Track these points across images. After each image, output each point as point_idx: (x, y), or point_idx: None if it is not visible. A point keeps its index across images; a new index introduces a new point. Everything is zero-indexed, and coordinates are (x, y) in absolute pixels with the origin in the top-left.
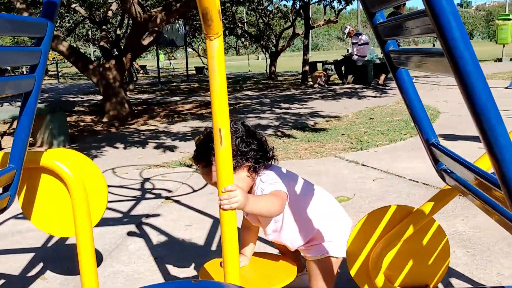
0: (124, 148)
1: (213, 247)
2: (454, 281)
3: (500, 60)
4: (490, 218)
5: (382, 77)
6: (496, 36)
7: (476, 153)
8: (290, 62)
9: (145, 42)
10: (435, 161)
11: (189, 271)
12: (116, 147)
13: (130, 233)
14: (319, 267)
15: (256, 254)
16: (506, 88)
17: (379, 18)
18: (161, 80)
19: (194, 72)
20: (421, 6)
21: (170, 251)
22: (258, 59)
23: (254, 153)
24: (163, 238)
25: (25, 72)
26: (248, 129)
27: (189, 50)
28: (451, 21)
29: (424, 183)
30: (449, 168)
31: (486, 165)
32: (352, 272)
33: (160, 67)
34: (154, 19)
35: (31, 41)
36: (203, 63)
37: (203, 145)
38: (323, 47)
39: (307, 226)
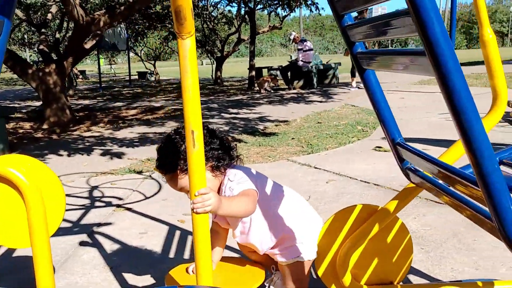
0: (68, 155)
1: (171, 254)
2: (412, 277)
3: None
4: (440, 216)
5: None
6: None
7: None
8: (235, 67)
9: (87, 45)
10: (401, 160)
11: (148, 279)
12: (60, 155)
13: (82, 243)
14: (291, 270)
15: (223, 259)
16: None
17: (347, 20)
18: (102, 85)
19: (136, 77)
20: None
21: (126, 260)
22: (202, 64)
23: (215, 152)
24: (117, 247)
25: None
26: (207, 128)
27: (131, 54)
28: (435, 22)
29: (375, 184)
30: (414, 167)
31: (451, 160)
32: (320, 272)
33: (100, 72)
34: (97, 22)
35: None
36: (146, 68)
37: (167, 151)
38: (266, 53)
39: (276, 227)
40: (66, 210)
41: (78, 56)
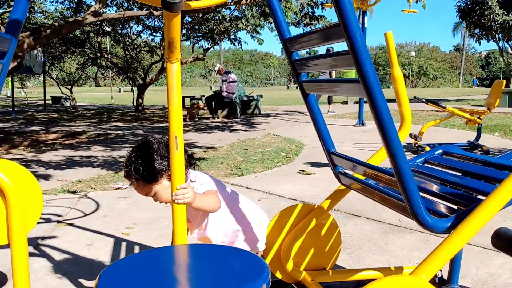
0: None
1: None
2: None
3: (346, 102)
4: (357, 226)
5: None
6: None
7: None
8: (155, 96)
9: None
10: (334, 166)
11: None
12: None
13: (30, 254)
14: None
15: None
16: (354, 126)
17: (295, 56)
18: (14, 109)
19: (50, 102)
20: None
21: (77, 266)
22: (120, 91)
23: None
24: (66, 256)
25: None
26: (164, 142)
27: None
28: (367, 62)
29: (301, 201)
30: (344, 171)
31: (376, 163)
32: (267, 261)
33: (14, 95)
34: (20, 43)
35: None
36: (62, 92)
37: (144, 160)
38: (186, 83)
39: (230, 223)
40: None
41: None
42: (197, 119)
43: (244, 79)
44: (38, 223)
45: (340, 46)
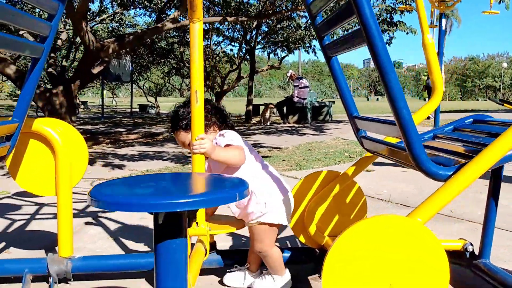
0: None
1: None
2: None
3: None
4: (405, 214)
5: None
6: (421, 91)
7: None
8: (233, 105)
9: (95, 71)
10: (357, 130)
11: (145, 247)
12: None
13: (88, 223)
14: (262, 230)
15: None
16: None
17: (326, 41)
18: (104, 115)
19: (137, 110)
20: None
21: (129, 233)
22: None
23: (213, 116)
24: (121, 226)
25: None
26: (211, 103)
27: (134, 88)
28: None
29: None
30: (367, 135)
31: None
32: (291, 225)
33: (103, 103)
34: (106, 48)
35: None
36: (148, 101)
37: (172, 117)
38: (265, 95)
39: (254, 184)
40: (78, 201)
41: (85, 80)
42: (268, 124)
43: (323, 91)
44: None
45: None
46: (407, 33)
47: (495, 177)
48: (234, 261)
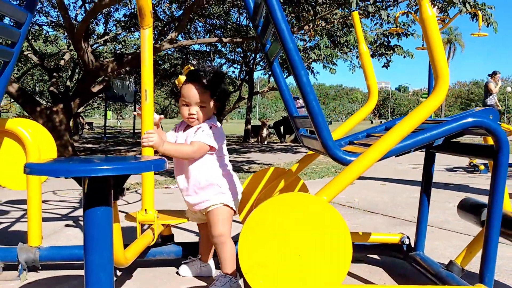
0: (65, 178)
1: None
2: None
3: None
4: (370, 220)
5: None
6: None
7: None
8: (237, 127)
9: (95, 89)
10: (297, 129)
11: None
12: (58, 177)
13: (68, 225)
14: (219, 213)
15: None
16: None
17: (267, 48)
18: (107, 135)
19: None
20: None
21: None
22: None
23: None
24: None
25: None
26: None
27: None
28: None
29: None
30: (306, 133)
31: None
32: (241, 217)
33: (107, 125)
34: (105, 68)
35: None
36: None
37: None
38: (270, 117)
39: (212, 172)
40: (63, 208)
41: (85, 98)
42: (265, 143)
43: (327, 114)
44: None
45: None
46: (404, 57)
47: (426, 177)
48: (188, 253)
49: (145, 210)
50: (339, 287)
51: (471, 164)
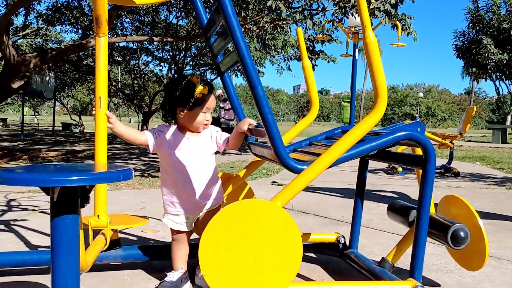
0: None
1: None
2: None
3: None
4: (303, 220)
5: None
6: (342, 115)
7: None
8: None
9: (15, 85)
10: (245, 137)
11: None
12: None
13: (2, 230)
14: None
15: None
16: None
17: (219, 59)
18: (24, 132)
19: (60, 128)
20: None
21: (37, 237)
22: (130, 121)
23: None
24: (29, 231)
25: None
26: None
27: (58, 106)
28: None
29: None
30: (254, 141)
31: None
32: None
33: (23, 120)
34: (27, 63)
35: None
36: (72, 119)
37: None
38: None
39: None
40: None
41: (4, 94)
42: None
43: (254, 114)
44: (14, 211)
45: None
46: (328, 62)
47: (360, 181)
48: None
49: (98, 215)
50: (289, 285)
51: (390, 166)
